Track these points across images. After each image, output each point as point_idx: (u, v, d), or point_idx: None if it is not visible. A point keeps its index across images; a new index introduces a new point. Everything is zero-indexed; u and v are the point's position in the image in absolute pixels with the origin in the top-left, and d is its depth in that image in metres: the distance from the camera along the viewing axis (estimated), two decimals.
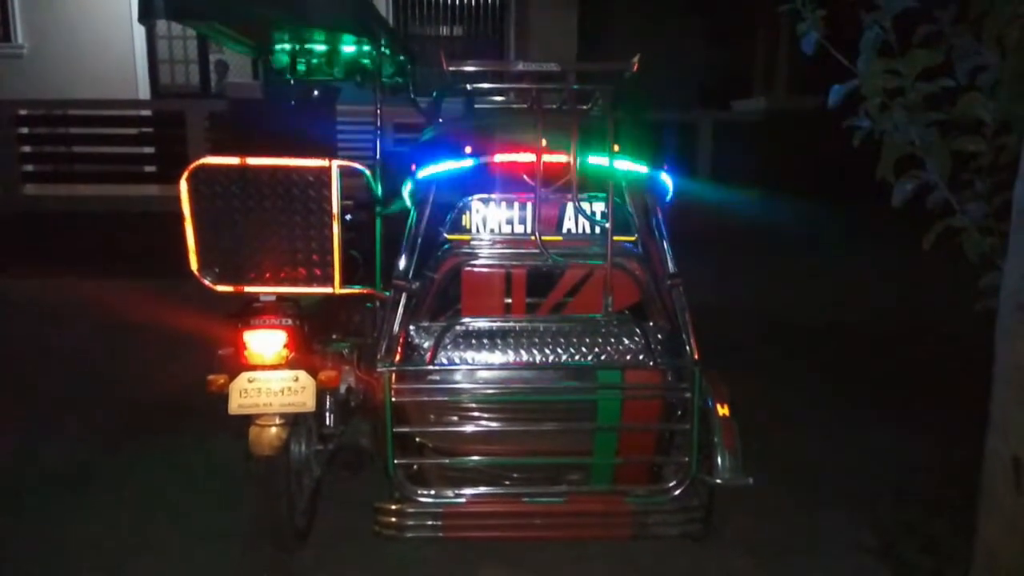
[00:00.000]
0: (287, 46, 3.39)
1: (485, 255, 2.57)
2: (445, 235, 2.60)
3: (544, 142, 2.42)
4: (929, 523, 2.79)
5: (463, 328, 2.51)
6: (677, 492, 2.46)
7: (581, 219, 2.58)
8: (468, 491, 2.48)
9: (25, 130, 8.36)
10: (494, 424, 2.47)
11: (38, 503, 2.96)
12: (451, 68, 2.57)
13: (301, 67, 3.48)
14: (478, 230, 2.59)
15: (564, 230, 2.60)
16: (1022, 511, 2.07)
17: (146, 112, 9.27)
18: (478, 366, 2.48)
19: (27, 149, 8.41)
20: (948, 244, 2.36)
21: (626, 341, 2.50)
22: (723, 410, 2.42)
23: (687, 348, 2.44)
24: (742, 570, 2.57)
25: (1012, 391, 2.05)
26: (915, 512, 2.88)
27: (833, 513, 2.91)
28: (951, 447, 3.19)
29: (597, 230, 2.55)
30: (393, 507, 2.42)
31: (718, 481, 2.36)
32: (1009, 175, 2.11)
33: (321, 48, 3.42)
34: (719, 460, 2.36)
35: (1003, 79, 2.20)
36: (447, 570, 2.52)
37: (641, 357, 2.48)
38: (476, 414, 2.48)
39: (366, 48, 3.37)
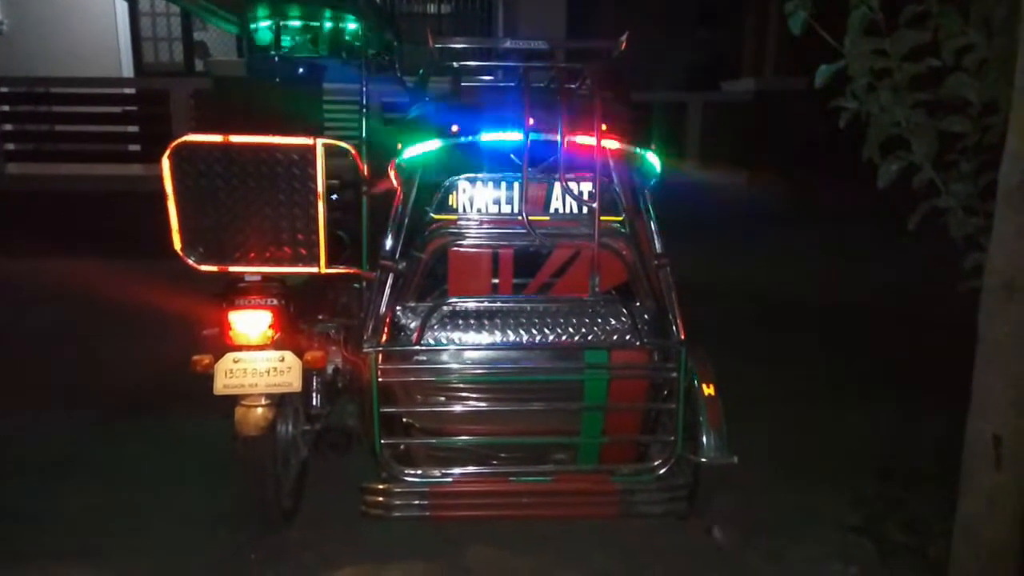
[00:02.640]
0: (271, 22, 3.34)
1: (472, 235, 2.56)
2: (432, 215, 2.59)
3: (531, 121, 2.40)
4: (912, 501, 2.83)
5: (450, 308, 2.50)
6: (662, 471, 2.48)
7: (568, 199, 2.57)
8: (455, 471, 2.49)
9: (6, 108, 8.24)
10: (481, 404, 2.48)
11: (21, 485, 2.95)
12: (437, 45, 2.55)
13: (286, 44, 3.43)
14: (465, 210, 2.57)
15: (551, 210, 2.59)
16: (1001, 489, 2.11)
17: (130, 90, 9.14)
18: (465, 346, 2.48)
19: (9, 128, 8.29)
20: (933, 224, 2.38)
21: (613, 321, 2.50)
22: (709, 389, 2.44)
23: (673, 328, 2.45)
24: (727, 548, 2.59)
25: (994, 370, 2.07)
26: (898, 490, 2.91)
27: (817, 491, 2.94)
28: (934, 426, 3.23)
29: (584, 210, 2.55)
30: (380, 487, 2.43)
31: (703, 460, 2.38)
32: (994, 156, 2.12)
33: (306, 25, 3.38)
34: (704, 439, 2.38)
35: (989, 59, 2.20)
36: (434, 549, 2.54)
37: (628, 337, 2.49)
38: (463, 394, 2.49)
39: (352, 25, 3.33)
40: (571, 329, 2.50)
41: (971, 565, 2.20)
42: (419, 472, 2.47)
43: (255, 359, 2.29)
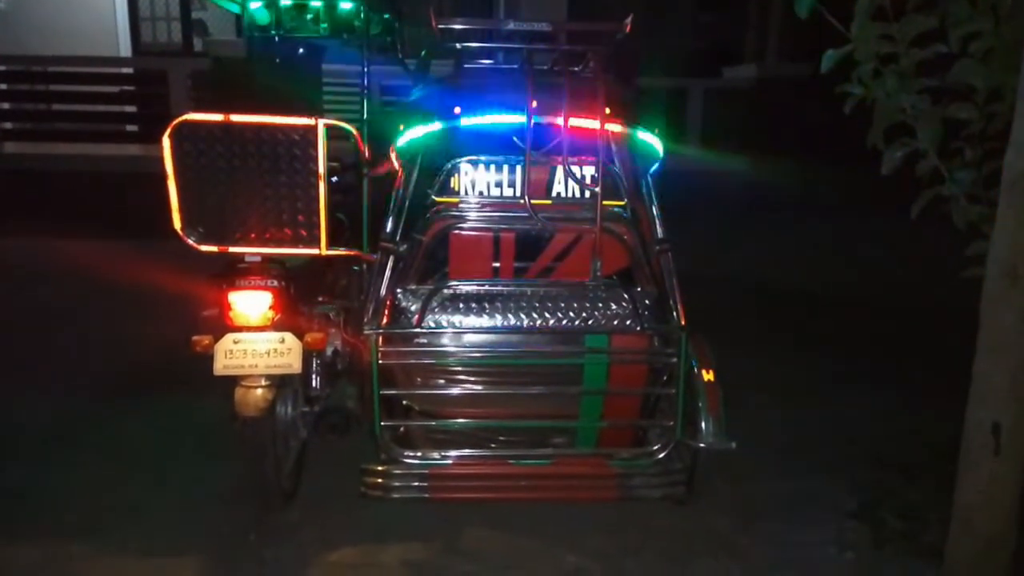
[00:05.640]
0: (271, 1, 3.32)
1: (474, 218, 2.56)
2: (433, 198, 2.58)
3: (534, 104, 2.39)
4: (908, 488, 2.84)
5: (451, 291, 2.50)
6: (661, 455, 2.49)
7: (571, 183, 2.56)
8: (454, 453, 2.50)
9: (4, 87, 8.18)
10: (481, 387, 2.48)
11: (21, 463, 2.95)
12: (440, 26, 2.52)
13: (286, 24, 3.41)
14: (467, 193, 2.56)
15: (554, 194, 2.58)
16: (999, 477, 2.12)
17: (128, 70, 9.07)
18: (465, 329, 2.48)
19: (6, 106, 8.24)
20: (937, 212, 2.37)
21: (613, 306, 2.50)
22: (708, 375, 2.44)
23: (674, 313, 2.45)
24: (723, 532, 2.61)
25: (995, 358, 2.08)
26: (894, 477, 2.93)
27: (814, 477, 2.95)
28: (931, 414, 3.24)
29: (587, 194, 2.54)
30: (379, 468, 2.44)
31: (702, 445, 2.39)
32: (999, 143, 2.11)
33: (306, 5, 3.35)
34: (703, 424, 2.39)
35: (996, 47, 2.19)
36: (432, 530, 2.55)
37: (628, 322, 2.49)
38: (463, 377, 2.49)
39: (353, 5, 3.31)
40: (572, 313, 2.50)
41: (967, 552, 2.21)
42: (418, 454, 2.48)
43: (255, 340, 2.28)
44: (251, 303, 2.27)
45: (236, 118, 2.16)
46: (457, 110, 2.50)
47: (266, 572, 2.38)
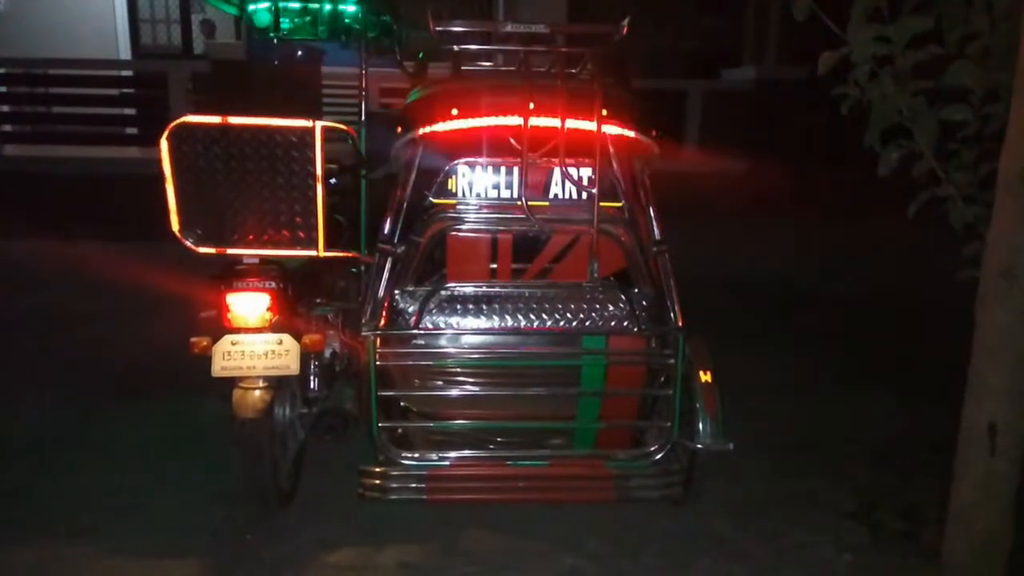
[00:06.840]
0: (270, 4, 3.33)
1: (471, 220, 2.56)
2: (431, 199, 2.58)
3: (532, 106, 2.40)
4: (906, 489, 2.85)
5: (448, 293, 2.50)
6: (658, 456, 2.50)
7: (568, 185, 2.56)
8: (452, 454, 2.50)
9: (4, 89, 8.20)
10: (478, 388, 2.48)
11: (16, 466, 2.95)
12: (438, 28, 2.53)
13: (285, 26, 3.42)
14: (464, 194, 2.57)
15: (551, 195, 2.58)
16: (995, 476, 2.12)
17: (127, 73, 9.09)
18: (463, 331, 2.48)
19: (6, 109, 8.25)
20: (933, 213, 2.38)
21: (611, 307, 2.51)
22: (705, 376, 2.45)
23: (671, 315, 2.46)
24: (721, 532, 2.61)
25: (991, 359, 2.09)
26: (893, 477, 2.93)
27: (812, 478, 2.95)
28: (929, 414, 3.24)
29: (584, 196, 2.54)
30: (377, 470, 2.45)
31: (699, 446, 2.39)
32: (995, 145, 2.12)
33: (305, 7, 3.36)
34: (701, 425, 2.39)
35: (992, 47, 2.20)
36: (430, 531, 2.55)
37: (625, 323, 2.49)
38: (460, 378, 2.49)
39: (352, 7, 3.32)
40: (569, 314, 2.50)
41: (963, 551, 2.22)
42: (416, 455, 2.48)
43: (253, 341, 2.28)
44: (249, 305, 2.28)
45: (234, 120, 2.16)
46: (455, 112, 2.51)
47: (264, 573, 2.38)
